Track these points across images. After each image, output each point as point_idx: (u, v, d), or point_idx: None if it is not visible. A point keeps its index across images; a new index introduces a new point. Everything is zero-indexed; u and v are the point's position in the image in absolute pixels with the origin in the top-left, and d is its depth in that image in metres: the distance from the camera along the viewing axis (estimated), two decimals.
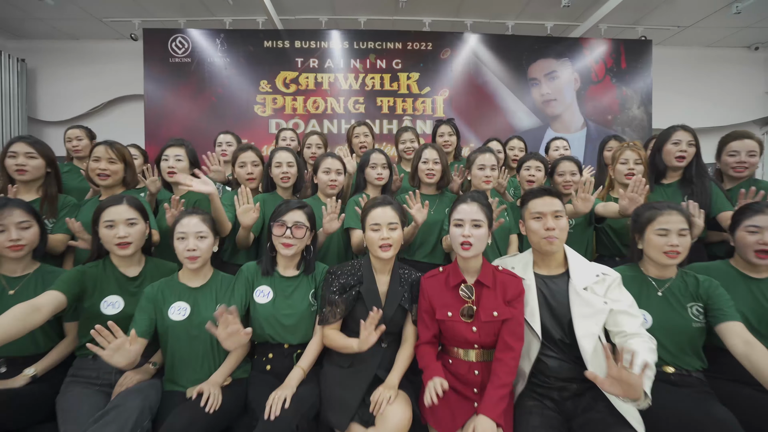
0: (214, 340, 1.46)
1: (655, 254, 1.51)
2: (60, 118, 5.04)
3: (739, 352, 1.32)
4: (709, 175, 2.15)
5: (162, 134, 4.03)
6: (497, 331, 1.43)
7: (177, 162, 2.02)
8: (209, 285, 1.60)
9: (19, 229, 1.50)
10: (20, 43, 4.90)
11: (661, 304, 1.52)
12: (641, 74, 4.31)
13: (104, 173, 1.95)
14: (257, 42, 4.09)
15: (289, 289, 1.62)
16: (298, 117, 4.09)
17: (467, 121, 4.13)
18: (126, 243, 1.53)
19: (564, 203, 1.58)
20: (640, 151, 2.18)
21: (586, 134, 4.22)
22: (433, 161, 2.10)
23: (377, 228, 1.51)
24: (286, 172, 2.05)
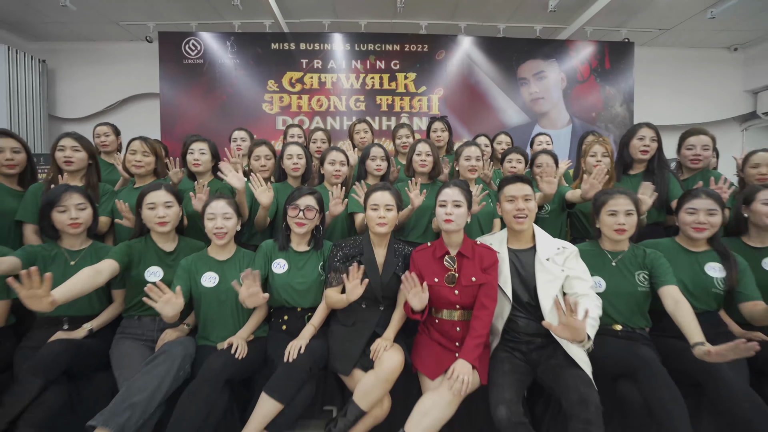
0: (238, 304, 1.74)
1: (608, 231, 1.79)
2: (78, 115, 5.31)
3: (670, 310, 1.61)
4: (668, 166, 2.43)
5: (176, 131, 4.31)
6: (475, 293, 1.71)
7: (201, 155, 2.30)
8: (234, 258, 1.89)
9: (77, 210, 1.78)
10: (41, 45, 5.17)
11: (613, 272, 1.80)
12: (624, 74, 4.58)
13: (139, 164, 2.23)
14: (265, 44, 4.36)
15: (302, 262, 1.90)
16: (303, 114, 4.37)
17: (461, 118, 4.41)
18: (164, 221, 1.81)
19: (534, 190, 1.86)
20: (607, 146, 2.45)
21: (571, 130, 4.50)
22: (426, 153, 2.38)
23: (376, 208, 1.79)
24: (296, 164, 2.33)
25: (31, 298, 1.28)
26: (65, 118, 5.32)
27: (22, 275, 1.27)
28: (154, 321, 1.82)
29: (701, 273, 1.80)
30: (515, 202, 1.76)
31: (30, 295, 1.28)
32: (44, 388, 1.47)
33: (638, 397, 1.47)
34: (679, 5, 4.17)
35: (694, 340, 1.47)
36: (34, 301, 1.29)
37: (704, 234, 1.79)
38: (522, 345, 1.73)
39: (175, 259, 1.88)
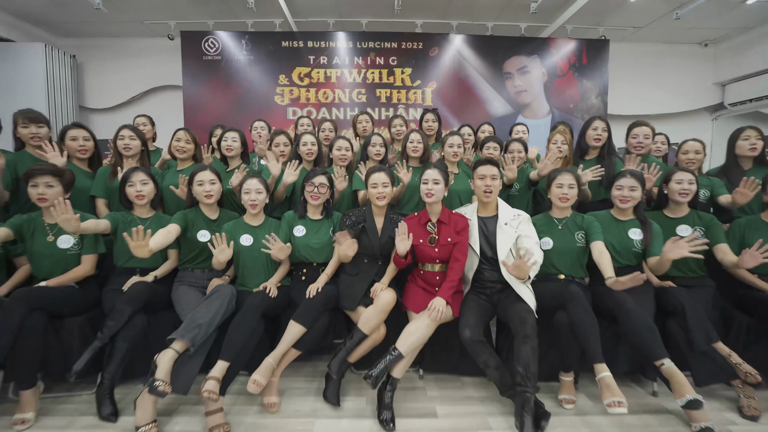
0: (268, 258, 2.25)
1: (555, 200, 2.29)
2: (105, 105, 5.75)
3: (595, 258, 2.12)
4: (615, 153, 2.91)
5: (198, 120, 4.77)
6: (451, 250, 2.20)
7: (233, 142, 2.79)
8: (264, 225, 2.38)
9: (141, 184, 2.28)
10: (71, 41, 5.58)
11: (559, 234, 2.29)
12: (599, 69, 5.01)
13: (183, 150, 2.73)
14: (276, 42, 4.79)
15: (316, 227, 2.40)
16: (311, 105, 4.82)
17: (451, 109, 4.87)
18: (210, 195, 2.31)
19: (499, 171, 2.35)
20: (566, 135, 2.94)
21: (551, 120, 4.95)
22: (417, 141, 2.85)
23: (375, 186, 2.28)
24: (310, 150, 2.81)
25: (137, 247, 1.80)
26: (94, 109, 5.76)
27: (132, 231, 1.79)
28: (203, 272, 2.34)
29: (625, 236, 2.30)
30: (485, 179, 2.24)
31: (137, 245, 1.79)
32: (132, 314, 1.99)
33: (567, 320, 1.98)
34: (647, 7, 4.59)
35: (607, 276, 1.98)
36: (139, 249, 1.80)
37: (627, 205, 2.28)
38: (486, 290, 2.24)
39: (218, 225, 2.37)
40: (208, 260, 2.27)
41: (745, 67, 5.43)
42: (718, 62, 5.81)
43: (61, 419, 1.95)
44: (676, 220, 2.41)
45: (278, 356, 2.01)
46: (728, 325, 2.31)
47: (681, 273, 2.38)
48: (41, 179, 2.04)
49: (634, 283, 1.86)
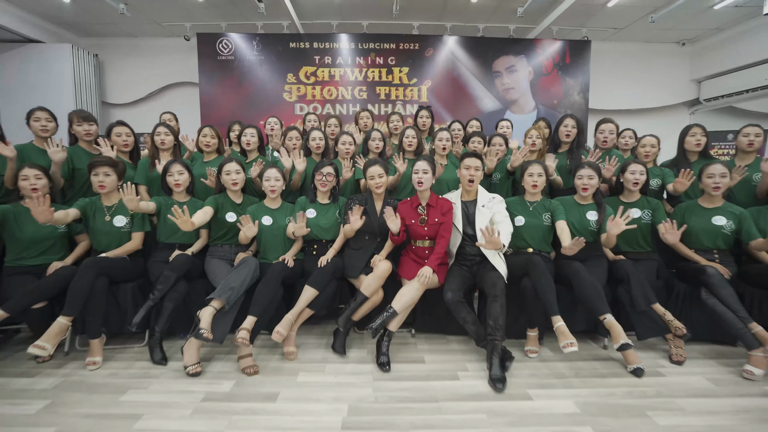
0: (285, 236, 2.68)
1: (527, 187, 2.69)
2: (125, 101, 6.14)
3: (558, 234, 2.53)
4: (583, 146, 3.31)
5: (213, 115, 5.16)
6: (438, 229, 2.62)
7: (252, 137, 3.19)
8: (281, 208, 2.79)
9: (178, 174, 2.68)
10: (93, 41, 5.93)
11: (530, 214, 2.69)
12: (582, 68, 5.37)
13: (208, 144, 3.13)
14: (284, 44, 5.15)
15: (325, 210, 2.81)
16: (316, 102, 5.20)
17: (445, 105, 5.25)
18: (236, 183, 2.72)
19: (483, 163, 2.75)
20: (540, 131, 3.33)
21: (536, 115, 5.33)
22: (412, 137, 3.25)
23: (372, 177, 2.68)
24: (318, 144, 3.21)
25: (183, 223, 2.22)
26: (114, 104, 6.14)
27: (175, 210, 2.21)
28: (231, 247, 2.76)
29: (584, 217, 2.71)
30: (469, 170, 2.64)
31: (182, 221, 2.22)
32: (177, 280, 2.42)
33: (530, 284, 2.41)
34: (624, 12, 4.94)
35: (564, 245, 2.40)
36: (184, 224, 2.23)
37: (587, 192, 2.69)
38: (467, 261, 2.66)
39: (242, 208, 2.78)
40: (234, 237, 2.70)
41: (719, 65, 5.78)
42: (695, 60, 6.15)
43: (122, 363, 2.39)
44: (628, 204, 2.81)
45: (296, 313, 2.44)
46: (669, 291, 2.74)
47: (631, 248, 2.80)
48: (101, 169, 2.45)
49: (578, 246, 2.28)
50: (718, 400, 2.01)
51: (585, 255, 2.61)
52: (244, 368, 2.26)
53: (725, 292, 2.39)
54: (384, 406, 1.96)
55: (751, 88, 5.30)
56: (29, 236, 2.42)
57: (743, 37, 5.30)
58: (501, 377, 2.16)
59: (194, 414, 1.87)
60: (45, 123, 2.78)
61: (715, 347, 2.62)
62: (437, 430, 1.77)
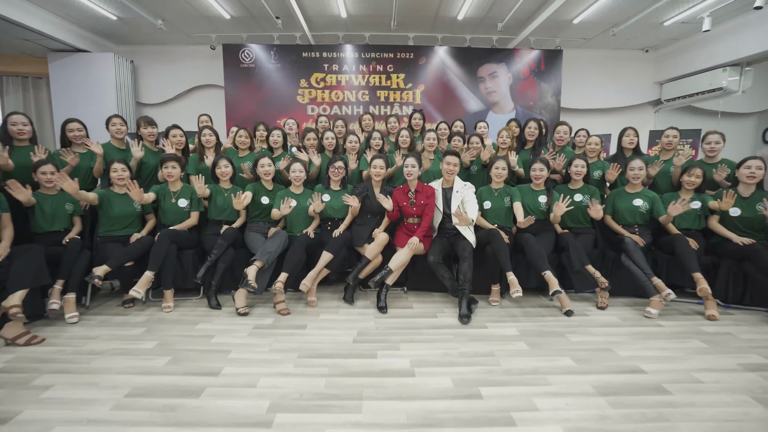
0: (306, 215, 3.40)
1: (494, 177, 3.40)
2: (156, 101, 6.80)
3: (514, 213, 3.26)
4: (545, 144, 4.01)
5: (236, 115, 5.84)
6: (423, 209, 3.34)
7: (278, 138, 3.89)
8: (303, 193, 3.50)
9: (225, 167, 3.39)
10: (129, 48, 6.58)
11: (495, 199, 3.41)
12: (554, 74, 6.03)
13: (243, 143, 3.83)
14: (298, 53, 5.81)
15: (337, 195, 3.52)
16: (325, 104, 5.88)
17: (436, 106, 5.92)
18: (269, 173, 3.43)
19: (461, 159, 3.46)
20: (510, 131, 4.03)
21: (515, 115, 6.00)
22: (405, 136, 3.95)
23: (375, 167, 3.40)
24: (331, 143, 3.92)
25: (238, 204, 2.95)
26: (147, 104, 6.81)
27: (239, 194, 2.96)
28: (265, 224, 3.47)
29: (536, 200, 3.42)
30: (449, 165, 3.36)
31: (237, 203, 2.95)
32: (227, 247, 3.15)
33: (491, 250, 3.14)
34: (590, 26, 5.58)
35: (519, 221, 3.13)
36: (239, 205, 2.96)
37: (539, 181, 3.39)
38: (446, 234, 3.38)
39: (273, 194, 3.49)
40: (267, 216, 3.42)
41: (677, 70, 6.42)
42: (657, 65, 6.80)
43: (187, 308, 3.13)
44: (573, 191, 3.52)
45: (317, 271, 3.18)
46: (603, 257, 3.46)
47: (574, 224, 3.52)
48: (170, 163, 3.18)
49: (529, 222, 3.03)
50: (620, 329, 2.75)
51: (537, 229, 3.35)
52: (279, 310, 3.00)
53: (636, 255, 3.13)
54: (382, 332, 2.70)
55: (702, 90, 5.97)
56: (117, 214, 3.15)
57: (695, 46, 5.95)
58: (467, 314, 2.90)
59: (249, 335, 2.62)
60: (120, 127, 3.49)
61: (634, 299, 3.35)
62: (419, 343, 2.51)
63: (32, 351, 2.37)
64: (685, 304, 3.23)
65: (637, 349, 2.42)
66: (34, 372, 2.11)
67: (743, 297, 3.12)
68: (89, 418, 1.72)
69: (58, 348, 2.41)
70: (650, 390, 1.96)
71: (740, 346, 2.47)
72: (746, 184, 3.14)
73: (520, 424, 1.69)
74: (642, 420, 1.72)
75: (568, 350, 2.41)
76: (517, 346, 2.47)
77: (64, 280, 2.84)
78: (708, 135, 3.52)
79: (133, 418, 1.73)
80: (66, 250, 2.88)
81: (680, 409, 1.80)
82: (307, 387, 1.98)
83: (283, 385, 2.00)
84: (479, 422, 1.71)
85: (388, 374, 2.11)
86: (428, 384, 2.01)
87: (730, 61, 5.42)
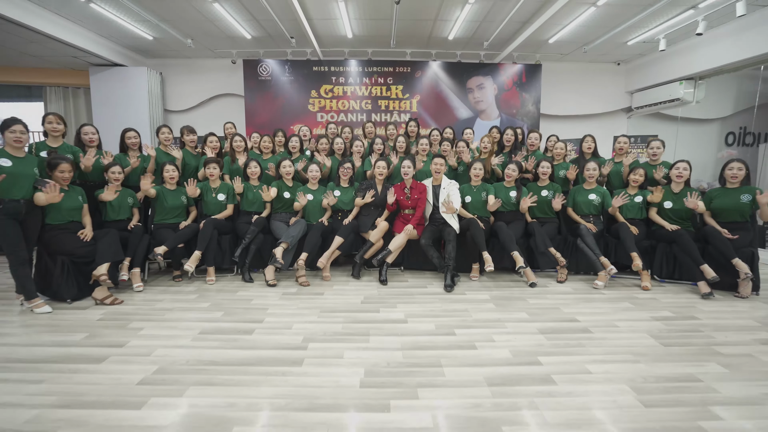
0: (320, 207, 4.06)
1: (473, 177, 4.07)
2: (181, 108, 7.43)
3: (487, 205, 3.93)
4: (520, 149, 4.67)
5: (255, 121, 6.49)
6: (417, 202, 4.00)
7: (296, 143, 4.55)
8: (318, 189, 4.17)
9: (254, 168, 4.05)
10: (158, 61, 7.21)
11: (473, 195, 4.06)
12: (534, 85, 6.67)
13: (267, 147, 4.49)
14: (309, 68, 6.46)
15: (346, 191, 4.17)
16: (333, 112, 6.53)
17: (430, 114, 6.57)
18: (289, 173, 4.09)
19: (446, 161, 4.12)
20: (491, 137, 4.67)
21: (500, 121, 6.65)
22: (402, 142, 4.61)
23: (379, 168, 4.06)
24: (340, 148, 4.58)
25: (267, 197, 3.62)
26: (173, 110, 7.45)
27: (264, 189, 3.62)
28: (287, 214, 4.13)
29: (508, 194, 4.07)
30: (436, 166, 4.02)
31: (267, 196, 3.61)
32: (258, 233, 3.82)
33: (471, 235, 3.80)
34: (564, 45, 6.22)
35: (488, 205, 3.79)
36: (268, 197, 3.62)
37: (510, 179, 4.05)
38: (435, 222, 4.03)
39: (294, 190, 4.15)
40: (289, 207, 4.07)
41: (644, 81, 7.06)
42: (627, 77, 7.43)
43: (225, 282, 3.79)
44: (541, 187, 4.17)
45: (330, 252, 3.83)
46: (565, 242, 4.12)
47: (542, 215, 4.16)
48: (211, 165, 3.84)
49: (497, 206, 3.72)
50: (570, 295, 3.41)
51: (510, 218, 4.02)
52: (301, 282, 3.67)
53: (589, 239, 3.78)
54: (383, 297, 3.36)
55: (664, 100, 6.61)
56: (169, 205, 3.80)
57: (658, 62, 6.59)
58: (450, 285, 3.56)
59: (280, 299, 3.28)
60: (167, 135, 4.15)
61: (588, 276, 4.01)
62: (411, 304, 3.16)
63: (116, 309, 3.03)
64: (629, 280, 3.90)
65: (578, 308, 3.08)
66: (125, 320, 2.78)
67: (674, 273, 3.79)
68: (178, 344, 2.39)
69: (136, 307, 3.08)
70: (578, 330, 2.63)
71: (658, 306, 3.14)
72: (676, 182, 3.80)
73: (480, 348, 2.36)
74: (566, 347, 2.38)
75: (525, 308, 3.07)
76: (486, 306, 3.13)
77: (130, 258, 3.50)
78: (651, 142, 4.17)
79: (209, 345, 2.39)
80: (131, 234, 3.54)
81: (595, 341, 2.47)
82: (329, 328, 2.65)
83: (311, 328, 2.66)
84: (451, 347, 2.37)
85: (388, 322, 2.78)
86: (417, 327, 2.68)
87: (685, 76, 6.06)
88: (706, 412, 1.73)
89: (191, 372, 2.07)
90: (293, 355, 2.26)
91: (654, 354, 2.30)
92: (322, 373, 2.06)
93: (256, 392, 1.88)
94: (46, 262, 3.13)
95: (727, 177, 3.60)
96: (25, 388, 1.91)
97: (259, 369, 2.10)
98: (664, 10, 4.93)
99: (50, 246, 3.13)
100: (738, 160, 3.56)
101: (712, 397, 1.85)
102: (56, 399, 1.82)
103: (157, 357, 2.23)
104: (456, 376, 2.03)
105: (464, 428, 1.62)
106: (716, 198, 3.65)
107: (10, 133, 2.82)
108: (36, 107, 7.50)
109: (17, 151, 2.87)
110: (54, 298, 3.12)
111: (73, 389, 1.90)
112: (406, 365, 2.15)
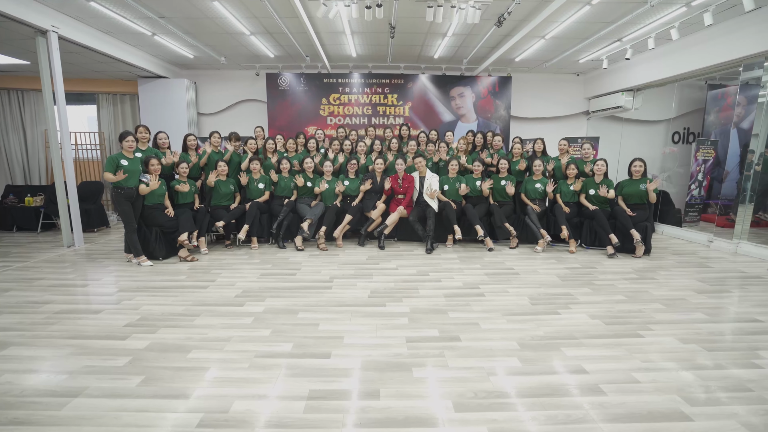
0: (334, 193, 5.19)
1: (450, 170, 5.19)
2: (211, 111, 8.46)
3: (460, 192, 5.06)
4: (490, 149, 5.79)
5: (276, 124, 7.55)
6: (407, 189, 5.12)
7: (314, 144, 5.66)
8: (332, 180, 5.28)
9: (285, 164, 5.16)
10: (192, 72, 8.19)
11: (450, 183, 5.16)
12: (506, 93, 7.75)
13: (291, 147, 5.60)
14: (320, 80, 7.51)
15: (353, 181, 5.29)
16: (340, 116, 7.60)
17: (420, 118, 7.65)
18: (310, 168, 5.20)
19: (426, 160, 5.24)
20: (466, 138, 5.79)
21: (477, 124, 7.75)
22: (395, 142, 5.72)
23: (378, 164, 5.18)
24: (348, 147, 5.70)
25: (299, 184, 4.75)
26: (205, 113, 8.48)
27: (298, 178, 4.74)
28: (309, 198, 5.25)
29: (474, 184, 5.20)
30: (420, 164, 5.15)
31: (299, 182, 4.74)
32: (289, 212, 4.95)
33: (444, 214, 4.93)
34: (528, 62, 7.28)
35: (460, 191, 4.93)
36: (299, 183, 4.75)
37: (477, 172, 5.19)
38: (420, 205, 5.15)
39: (314, 180, 5.27)
40: (311, 193, 5.18)
41: (597, 90, 8.14)
42: (585, 85, 8.50)
43: (264, 249, 4.93)
44: (500, 178, 5.29)
45: (342, 226, 4.95)
46: (518, 220, 5.27)
47: (501, 198, 5.28)
48: (254, 162, 4.95)
49: (466, 191, 4.86)
50: (515, 257, 4.56)
51: (476, 201, 5.15)
52: (321, 248, 4.81)
53: (533, 217, 4.93)
54: (382, 257, 4.50)
55: (611, 106, 7.72)
56: (222, 192, 4.91)
57: (606, 75, 7.66)
58: (430, 249, 4.72)
59: (308, 259, 4.42)
60: (217, 138, 5.26)
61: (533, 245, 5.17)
62: (401, 260, 4.31)
63: (195, 265, 4.17)
64: (564, 248, 5.06)
65: (518, 264, 4.24)
66: (205, 272, 3.92)
67: (594, 241, 4.96)
68: (250, 280, 3.54)
69: (208, 263, 4.22)
70: (509, 273, 3.79)
71: (574, 262, 4.30)
72: (597, 175, 4.94)
73: (443, 281, 3.52)
74: (499, 282, 3.54)
75: (480, 263, 4.24)
76: (453, 262, 4.29)
77: (197, 230, 4.62)
78: (584, 144, 5.30)
79: (271, 279, 3.54)
80: (197, 213, 4.66)
81: (520, 277, 3.63)
82: (347, 272, 3.80)
83: (333, 273, 3.81)
84: (425, 281, 3.52)
85: (384, 270, 3.93)
86: (404, 272, 3.84)
87: (625, 88, 7.16)
88: (567, 311, 2.91)
89: (266, 291, 3.22)
90: (325, 285, 3.42)
91: (552, 283, 3.47)
92: (344, 293, 3.22)
93: (309, 300, 3.04)
94: (145, 232, 4.26)
95: (633, 172, 4.74)
96: (169, 299, 3.07)
97: (309, 291, 3.26)
98: (596, 42, 6.01)
99: (147, 220, 4.25)
100: (639, 159, 4.70)
101: (574, 300, 3.03)
102: (190, 305, 2.98)
103: (240, 285, 3.38)
104: (426, 292, 3.20)
105: (427, 311, 2.79)
106: (625, 187, 4.80)
107: (125, 142, 3.92)
108: (88, 110, 8.53)
109: (130, 154, 3.98)
110: (150, 257, 4.25)
111: (200, 299, 3.06)
112: (396, 289, 3.31)
